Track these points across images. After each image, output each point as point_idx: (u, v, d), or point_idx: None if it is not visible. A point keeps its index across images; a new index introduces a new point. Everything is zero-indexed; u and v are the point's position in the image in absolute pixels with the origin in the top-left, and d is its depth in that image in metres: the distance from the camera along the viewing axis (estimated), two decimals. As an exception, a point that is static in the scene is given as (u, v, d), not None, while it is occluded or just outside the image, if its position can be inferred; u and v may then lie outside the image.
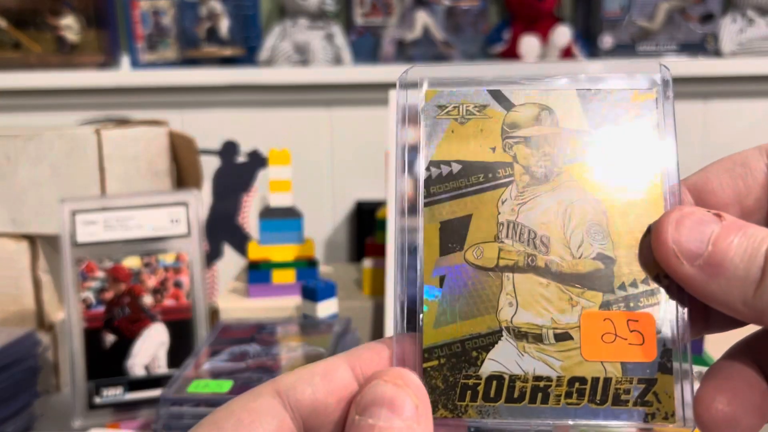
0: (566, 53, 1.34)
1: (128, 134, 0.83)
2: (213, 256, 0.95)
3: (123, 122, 0.90)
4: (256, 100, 1.38)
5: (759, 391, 0.24)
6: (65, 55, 1.35)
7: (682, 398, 0.24)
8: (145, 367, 0.73)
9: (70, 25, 1.35)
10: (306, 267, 0.94)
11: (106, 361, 0.72)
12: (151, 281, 0.74)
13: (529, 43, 1.30)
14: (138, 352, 0.73)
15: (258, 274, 0.93)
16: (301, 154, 1.20)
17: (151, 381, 0.73)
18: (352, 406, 0.23)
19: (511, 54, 1.34)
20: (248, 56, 1.38)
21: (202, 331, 0.74)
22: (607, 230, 0.26)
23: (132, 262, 0.73)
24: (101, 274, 0.72)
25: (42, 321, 0.83)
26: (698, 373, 0.31)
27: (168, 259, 0.74)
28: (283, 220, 0.94)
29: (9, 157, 0.81)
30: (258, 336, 0.72)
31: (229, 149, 0.99)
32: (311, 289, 0.78)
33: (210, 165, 0.96)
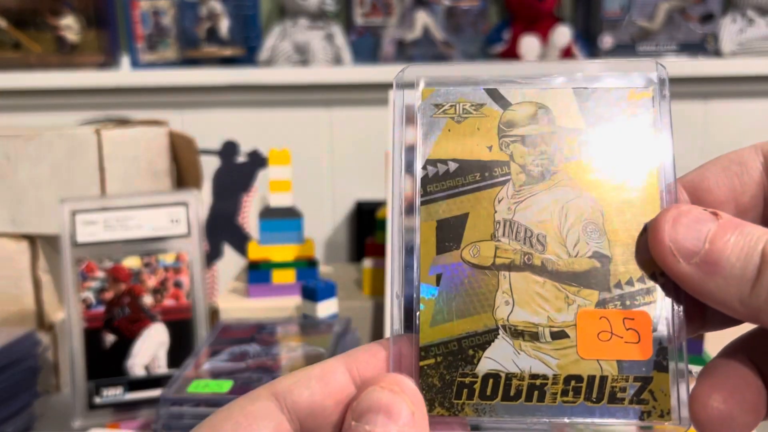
0: (566, 53, 1.34)
1: (128, 134, 0.83)
2: (213, 256, 0.95)
3: (123, 122, 0.90)
4: (256, 100, 1.38)
5: (754, 389, 0.25)
6: (65, 55, 1.35)
7: (677, 396, 0.24)
8: (145, 367, 0.73)
9: (70, 25, 1.35)
10: (306, 267, 0.94)
11: (106, 361, 0.72)
12: (151, 281, 0.74)
13: (529, 43, 1.30)
14: (138, 352, 0.73)
15: (258, 274, 0.93)
16: (301, 154, 1.20)
17: (151, 381, 0.73)
18: (349, 411, 0.24)
19: (511, 54, 1.34)
20: (248, 56, 1.38)
21: (202, 331, 0.74)
22: (603, 228, 0.26)
23: (132, 262, 0.73)
24: (101, 274, 0.72)
25: (42, 321, 0.83)
26: (696, 372, 0.31)
27: (168, 259, 0.74)
28: (283, 220, 0.94)
29: (9, 157, 0.81)
30: (258, 336, 0.72)
31: (229, 149, 0.99)
32: (311, 289, 0.78)
33: (210, 165, 0.96)
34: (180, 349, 0.74)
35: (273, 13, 1.42)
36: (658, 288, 0.25)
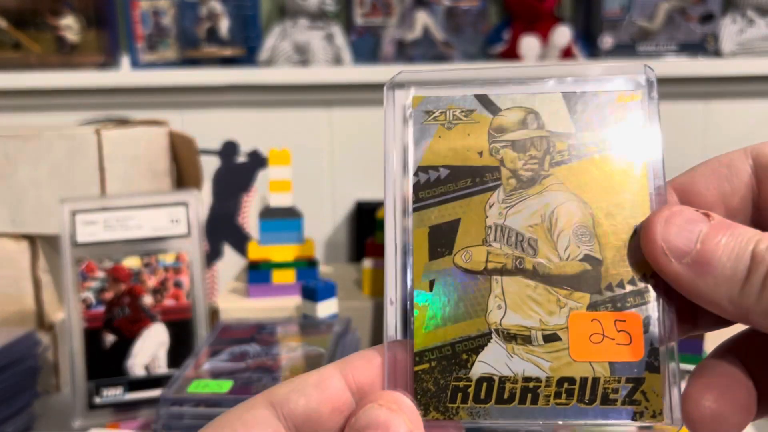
0: (566, 53, 1.33)
1: (128, 134, 0.83)
2: (213, 256, 0.95)
3: (123, 122, 0.90)
4: (256, 100, 1.38)
5: (745, 389, 0.25)
6: (65, 55, 1.35)
7: (669, 396, 0.25)
8: (145, 367, 0.73)
9: (70, 25, 1.35)
10: (306, 267, 0.94)
11: (106, 361, 0.72)
12: (151, 281, 0.74)
13: (529, 44, 1.30)
14: (138, 352, 0.73)
15: (258, 274, 0.93)
16: (301, 154, 1.20)
17: (151, 381, 0.73)
18: (347, 428, 0.24)
19: (511, 54, 1.34)
20: (248, 56, 1.38)
21: (202, 331, 0.74)
22: (593, 232, 0.26)
23: (132, 262, 0.73)
24: (101, 274, 0.72)
25: (42, 321, 0.83)
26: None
27: (168, 259, 0.74)
28: (283, 220, 0.94)
29: (9, 157, 0.81)
30: (258, 336, 0.72)
31: (229, 149, 0.99)
32: (311, 289, 0.78)
33: (210, 165, 0.96)
34: (180, 349, 0.74)
35: (273, 13, 1.42)
36: (649, 290, 0.25)
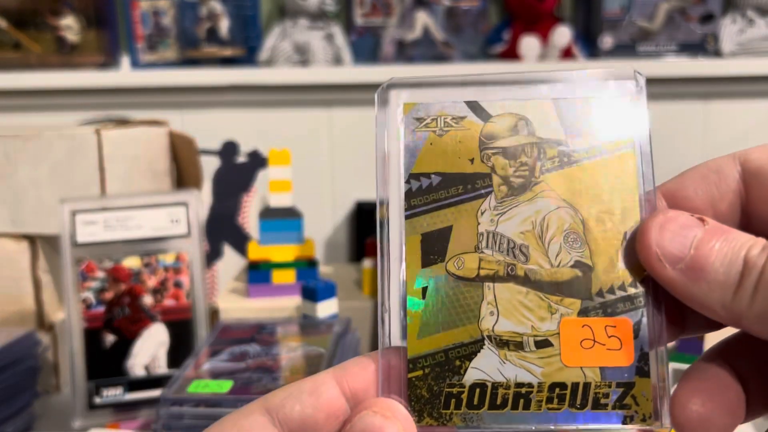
0: (566, 53, 1.33)
1: (128, 134, 0.83)
2: (213, 256, 0.95)
3: (123, 122, 0.90)
4: (256, 100, 1.38)
5: (733, 393, 0.25)
6: (65, 55, 1.35)
7: (659, 400, 0.25)
8: (145, 367, 0.73)
9: (70, 25, 1.35)
10: (306, 267, 0.94)
11: (106, 361, 0.72)
12: (151, 281, 0.74)
13: (529, 44, 1.30)
14: (138, 352, 0.73)
15: (258, 274, 0.93)
16: (301, 154, 1.20)
17: (151, 381, 0.73)
18: None
19: (511, 54, 1.34)
20: (248, 56, 1.38)
21: (202, 331, 0.74)
22: (584, 238, 0.26)
23: (132, 262, 0.73)
24: (101, 274, 0.72)
25: (42, 321, 0.83)
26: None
27: (168, 259, 0.74)
28: (283, 220, 0.94)
29: (9, 157, 0.81)
30: (258, 336, 0.72)
31: (229, 149, 0.99)
32: (311, 289, 0.78)
33: (210, 165, 0.96)
34: (180, 349, 0.74)
35: (273, 13, 1.42)
36: (639, 295, 0.26)
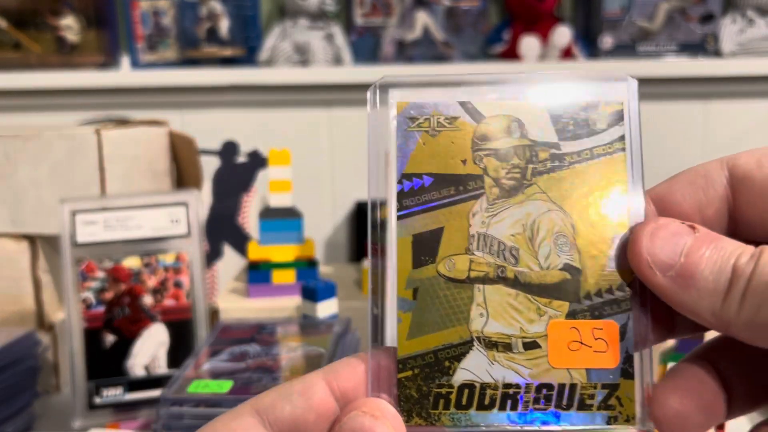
0: (566, 54, 1.34)
1: (128, 134, 0.83)
2: (213, 256, 0.95)
3: (123, 122, 0.90)
4: (256, 100, 1.38)
5: (710, 392, 0.25)
6: (65, 55, 1.35)
7: (642, 401, 0.26)
8: (145, 367, 0.73)
9: (70, 25, 1.35)
10: (306, 267, 0.94)
11: (106, 361, 0.72)
12: (151, 281, 0.74)
13: (529, 44, 1.30)
14: (138, 353, 0.73)
15: (258, 274, 0.93)
16: (301, 154, 1.20)
17: (151, 381, 0.73)
18: None
19: (511, 54, 1.34)
20: (248, 56, 1.38)
21: (202, 331, 0.74)
22: (573, 241, 0.26)
23: (132, 262, 0.73)
24: (101, 274, 0.72)
25: (42, 321, 0.83)
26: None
27: (168, 259, 0.74)
28: (283, 220, 0.94)
29: (9, 157, 0.81)
30: (258, 336, 0.72)
31: (229, 149, 0.99)
32: (311, 290, 0.78)
33: (210, 165, 0.96)
34: (180, 349, 0.74)
35: (273, 13, 1.42)
36: (626, 298, 0.26)
